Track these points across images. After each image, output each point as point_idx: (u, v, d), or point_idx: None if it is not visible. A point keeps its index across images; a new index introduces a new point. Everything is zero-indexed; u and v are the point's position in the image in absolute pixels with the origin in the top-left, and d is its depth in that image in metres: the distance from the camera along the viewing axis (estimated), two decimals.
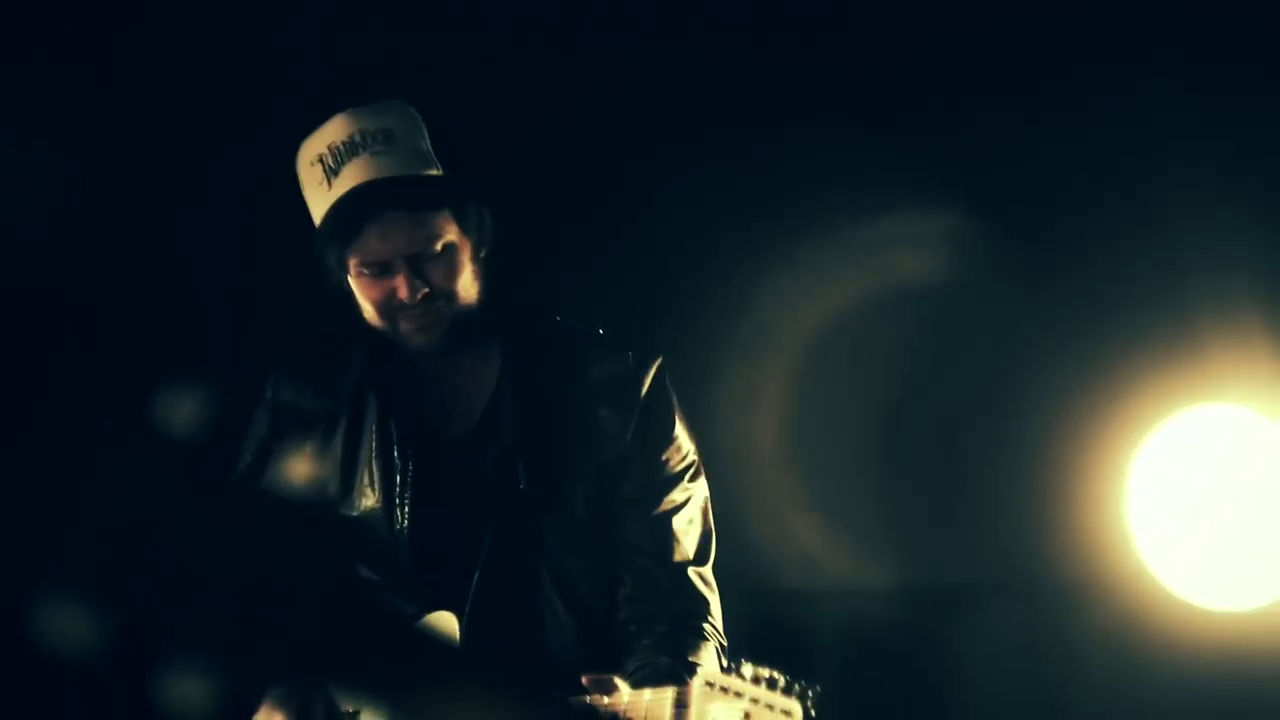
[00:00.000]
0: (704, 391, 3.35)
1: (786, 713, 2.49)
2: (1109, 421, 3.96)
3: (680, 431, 3.09)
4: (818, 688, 2.51)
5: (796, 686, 2.52)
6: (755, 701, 2.51)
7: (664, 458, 3.06)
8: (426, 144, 3.01)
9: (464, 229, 2.98)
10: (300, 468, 2.99)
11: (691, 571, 3.04)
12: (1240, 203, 3.88)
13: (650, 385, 3.07)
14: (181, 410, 0.91)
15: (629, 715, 2.65)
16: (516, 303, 3.11)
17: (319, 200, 2.97)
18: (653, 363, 3.08)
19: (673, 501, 3.05)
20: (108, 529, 0.89)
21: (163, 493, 0.91)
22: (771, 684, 2.51)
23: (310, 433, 3.09)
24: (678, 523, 3.05)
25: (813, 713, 2.49)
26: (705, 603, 3.03)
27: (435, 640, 1.26)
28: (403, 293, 2.93)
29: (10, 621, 0.91)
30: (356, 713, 3.00)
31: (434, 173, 2.99)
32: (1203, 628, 3.88)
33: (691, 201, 4.16)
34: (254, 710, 3.06)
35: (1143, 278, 4.01)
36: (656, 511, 3.04)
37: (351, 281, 3.00)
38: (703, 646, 2.95)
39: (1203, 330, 3.89)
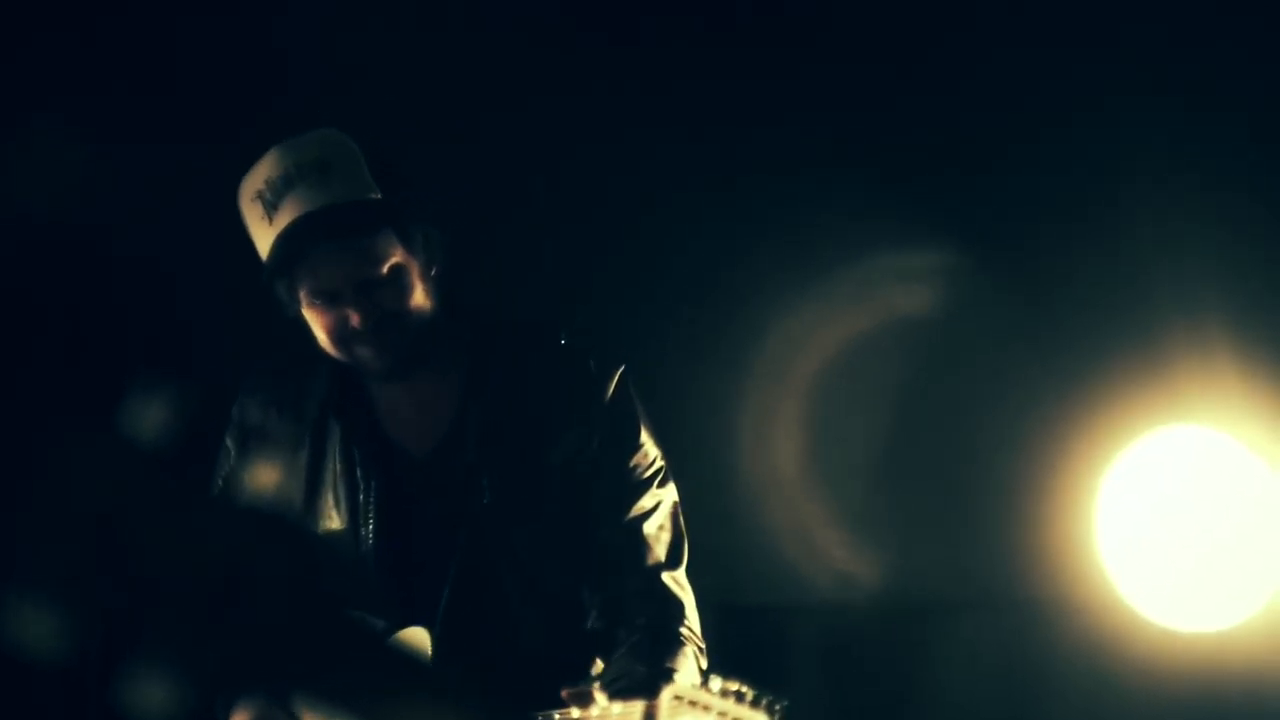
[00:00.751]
0: (679, 405, 3.36)
1: None
2: (1079, 442, 3.98)
3: (646, 438, 3.11)
4: (786, 702, 2.52)
5: (764, 700, 2.53)
6: (723, 715, 2.53)
7: (631, 464, 3.08)
8: (364, 169, 2.98)
9: (410, 249, 2.98)
10: (265, 480, 3.01)
11: (665, 576, 3.06)
12: (1208, 223, 3.91)
13: (613, 392, 3.08)
14: (152, 415, 0.92)
15: None
16: (477, 314, 3.12)
17: (263, 236, 2.97)
18: (614, 370, 3.10)
19: (642, 508, 3.08)
20: (75, 530, 0.89)
21: (130, 496, 0.91)
22: (739, 697, 2.53)
23: (276, 455, 3.10)
24: (648, 528, 3.07)
25: None
26: (680, 605, 3.06)
27: (403, 653, 1.26)
28: (355, 320, 2.94)
29: None
30: None
31: (374, 197, 2.97)
32: (1171, 649, 3.90)
33: (692, 213, 4.18)
34: None
35: (1112, 300, 4.03)
36: (627, 519, 3.06)
37: (305, 313, 3.00)
38: (680, 652, 2.97)
39: (1172, 352, 3.91)
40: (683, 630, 3.02)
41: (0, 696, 4.06)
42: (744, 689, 2.53)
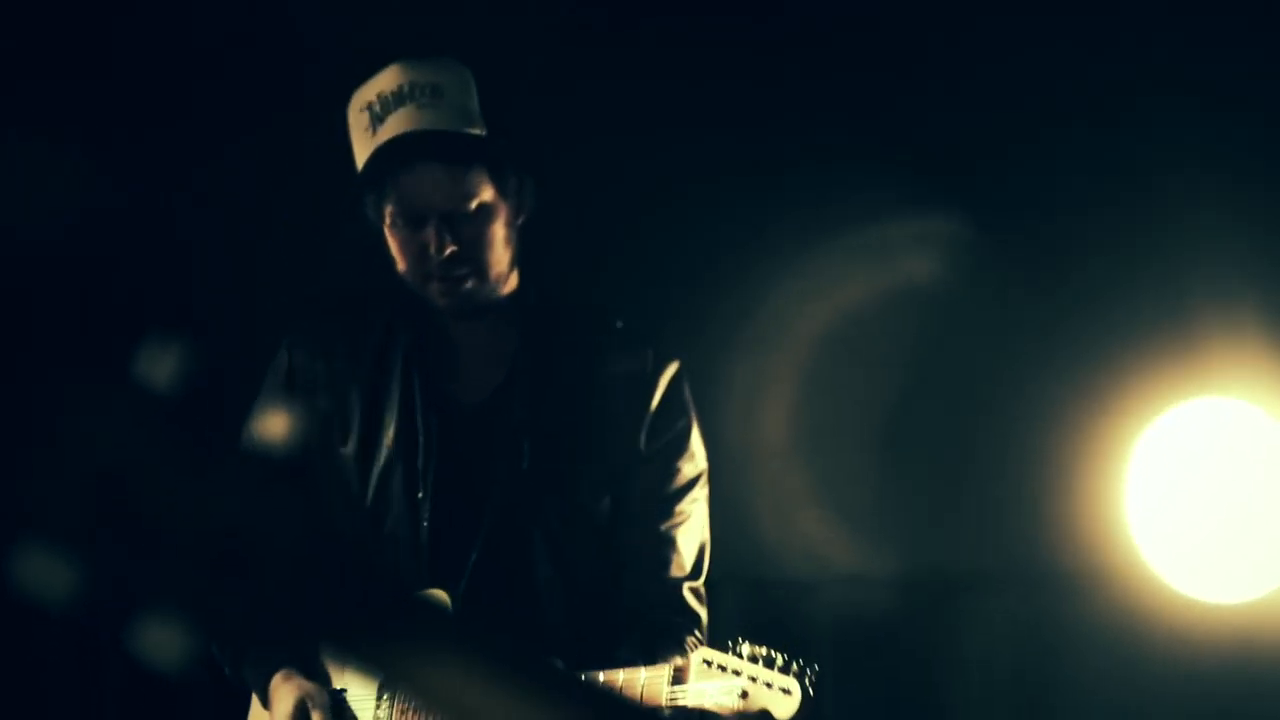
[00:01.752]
0: (706, 384, 3.36)
1: (785, 690, 2.52)
2: (1107, 414, 3.98)
3: (694, 439, 3.10)
4: (815, 666, 2.53)
5: (794, 665, 2.54)
6: (753, 680, 2.54)
7: (675, 466, 3.07)
8: (475, 104, 3.00)
9: (501, 192, 2.98)
10: (301, 426, 3.00)
11: (686, 588, 3.06)
12: (1237, 195, 3.90)
13: (666, 390, 3.07)
14: (161, 364, 0.91)
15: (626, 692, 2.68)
16: (540, 279, 3.12)
17: (363, 146, 2.99)
18: (668, 365, 3.09)
19: (682, 514, 3.06)
20: (81, 480, 0.89)
21: (138, 446, 0.91)
22: (769, 662, 2.54)
23: (328, 397, 3.09)
24: (680, 536, 3.06)
25: (811, 692, 2.52)
26: (695, 618, 3.06)
27: (431, 606, 1.25)
28: (433, 248, 2.94)
29: None
30: (343, 690, 3.02)
31: (477, 132, 2.99)
32: (1198, 619, 3.89)
33: (701, 199, 4.17)
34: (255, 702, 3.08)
35: (1140, 272, 4.02)
36: (662, 525, 3.05)
37: (387, 235, 3.01)
38: (675, 658, 2.96)
39: (1201, 324, 3.90)
40: (689, 639, 3.02)
41: (18, 644, 4.09)
42: (774, 653, 2.55)
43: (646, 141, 4.11)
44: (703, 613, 3.07)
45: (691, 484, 3.08)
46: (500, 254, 2.99)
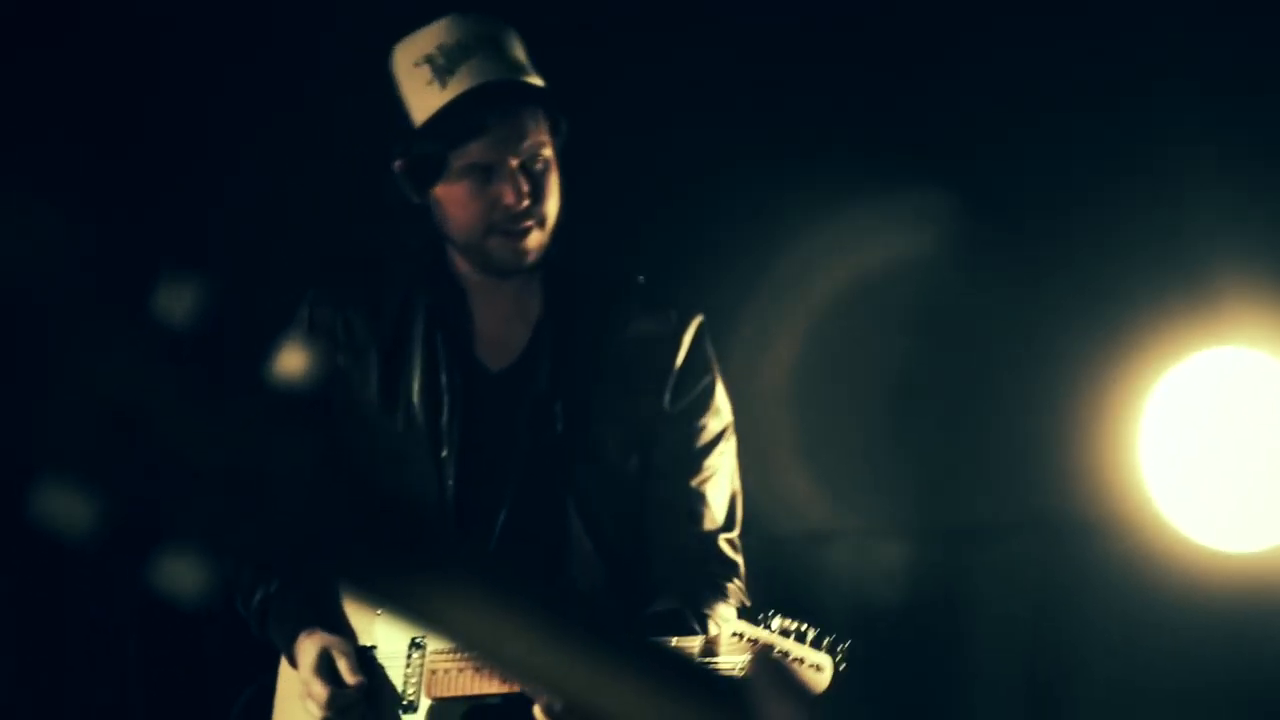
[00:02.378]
0: (724, 333, 3.39)
1: (817, 666, 2.54)
2: (1123, 364, 3.99)
3: (719, 393, 3.11)
4: (849, 641, 2.55)
5: (826, 640, 2.57)
6: (785, 654, 2.56)
7: (702, 422, 3.08)
8: (526, 58, 3.00)
9: (555, 146, 2.99)
10: (309, 365, 2.99)
11: (721, 539, 3.08)
12: (1249, 147, 3.90)
13: (690, 347, 3.08)
14: (177, 299, 0.92)
15: None
16: (561, 242, 3.11)
17: (427, 100, 2.95)
18: (691, 322, 3.10)
19: (710, 468, 3.08)
20: (100, 415, 0.89)
21: (153, 380, 0.90)
22: (800, 637, 2.57)
23: (347, 356, 3.10)
24: (710, 490, 3.08)
25: (842, 666, 2.54)
26: (733, 566, 3.08)
27: (466, 543, 1.24)
28: (509, 198, 2.92)
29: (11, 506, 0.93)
30: (372, 647, 3.04)
31: (538, 82, 2.99)
32: (1213, 567, 3.92)
33: (718, 180, 4.18)
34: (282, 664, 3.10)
35: (1155, 222, 4.03)
36: (692, 481, 3.06)
37: (443, 191, 2.98)
38: (719, 604, 2.99)
39: (1215, 274, 3.91)
40: (730, 585, 3.04)
41: (39, 580, 4.11)
42: (806, 627, 2.57)
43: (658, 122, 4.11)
44: (739, 561, 3.10)
45: (718, 438, 3.09)
46: (557, 205, 2.99)
